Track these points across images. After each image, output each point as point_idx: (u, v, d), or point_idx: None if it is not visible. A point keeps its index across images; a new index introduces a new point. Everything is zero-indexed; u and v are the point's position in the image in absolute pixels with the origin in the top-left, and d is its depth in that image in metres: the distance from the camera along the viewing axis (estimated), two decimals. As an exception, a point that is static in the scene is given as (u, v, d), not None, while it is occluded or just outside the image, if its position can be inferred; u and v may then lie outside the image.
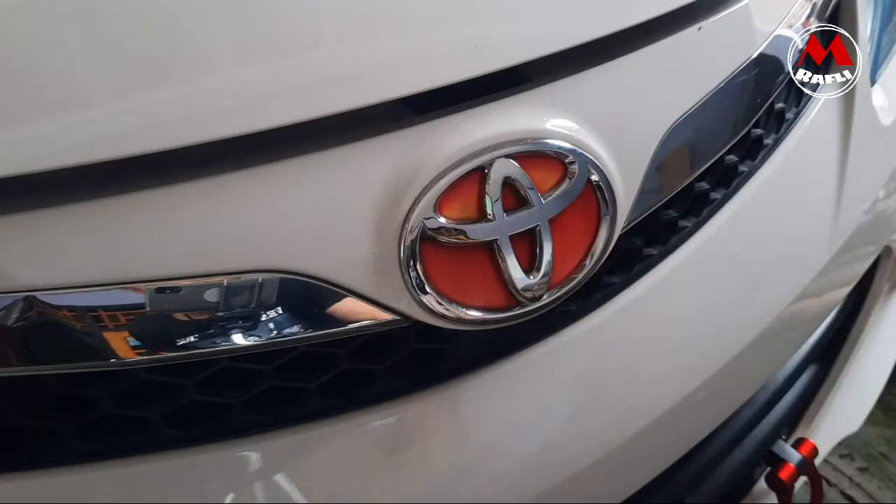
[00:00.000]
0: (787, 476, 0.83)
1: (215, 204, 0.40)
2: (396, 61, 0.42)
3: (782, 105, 0.69)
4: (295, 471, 0.46)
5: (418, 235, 0.44)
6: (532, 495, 0.52)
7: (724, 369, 0.61)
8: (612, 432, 0.55)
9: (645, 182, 0.53)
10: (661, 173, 0.54)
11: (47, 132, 0.36)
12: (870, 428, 1.35)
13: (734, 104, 0.60)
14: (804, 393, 0.95)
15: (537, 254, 0.47)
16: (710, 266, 0.61)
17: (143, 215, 0.39)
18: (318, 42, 0.40)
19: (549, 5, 0.46)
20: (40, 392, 0.42)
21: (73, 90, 0.36)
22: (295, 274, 0.42)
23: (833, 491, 1.28)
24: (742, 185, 0.64)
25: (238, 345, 0.43)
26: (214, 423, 0.45)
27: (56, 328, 0.39)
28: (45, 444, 0.43)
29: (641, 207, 0.54)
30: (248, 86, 0.39)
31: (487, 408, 0.51)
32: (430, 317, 0.46)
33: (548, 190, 0.47)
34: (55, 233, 0.38)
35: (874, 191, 0.80)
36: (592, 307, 0.55)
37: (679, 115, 0.54)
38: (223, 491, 0.45)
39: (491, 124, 0.45)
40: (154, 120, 0.37)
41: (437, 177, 0.44)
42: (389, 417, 0.48)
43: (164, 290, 0.40)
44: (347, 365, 0.47)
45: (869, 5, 0.81)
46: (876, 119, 0.80)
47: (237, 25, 0.38)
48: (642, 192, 0.53)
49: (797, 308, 0.69)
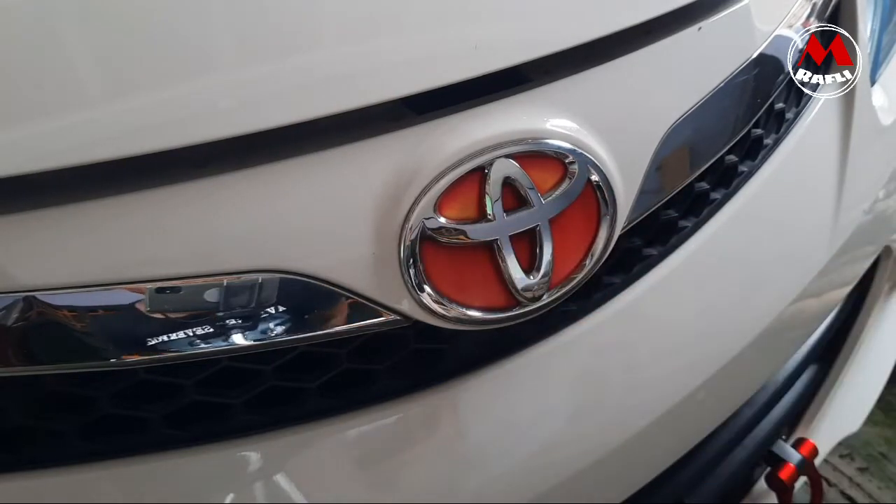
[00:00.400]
0: (787, 476, 0.83)
1: (215, 204, 0.40)
2: (396, 61, 0.42)
3: (782, 105, 0.69)
4: (295, 471, 0.46)
5: (418, 235, 0.44)
6: (532, 495, 0.52)
7: (724, 369, 0.61)
8: (612, 432, 0.55)
9: (645, 182, 0.53)
10: (661, 173, 0.54)
11: (47, 132, 0.36)
12: (870, 428, 1.35)
13: (734, 104, 0.60)
14: (804, 393, 0.95)
15: (537, 254, 0.47)
16: (710, 266, 0.61)
17: (143, 215, 0.39)
18: (318, 42, 0.40)
19: (548, 5, 0.46)
20: (40, 392, 0.42)
21: (73, 90, 0.36)
22: (295, 274, 0.42)
23: (833, 491, 1.28)
24: (742, 185, 0.64)
25: (238, 345, 0.43)
26: (214, 423, 0.45)
27: (56, 328, 0.39)
28: (45, 444, 0.43)
29: (641, 207, 0.54)
30: (248, 86, 0.39)
31: (487, 408, 0.51)
32: (430, 317, 0.46)
33: (548, 190, 0.47)
34: (55, 233, 0.38)
35: (874, 191, 0.80)
36: (592, 307, 0.55)
37: (679, 115, 0.54)
38: (223, 491, 0.45)
39: (491, 124, 0.45)
40: (154, 120, 0.37)
41: (437, 177, 0.44)
42: (389, 417, 0.48)
43: (164, 290, 0.40)
44: (347, 365, 0.47)
45: (869, 5, 0.81)
46: (876, 119, 0.80)
47: (237, 25, 0.38)
48: (642, 192, 0.53)
49: (797, 308, 0.69)
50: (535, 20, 0.46)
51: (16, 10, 0.34)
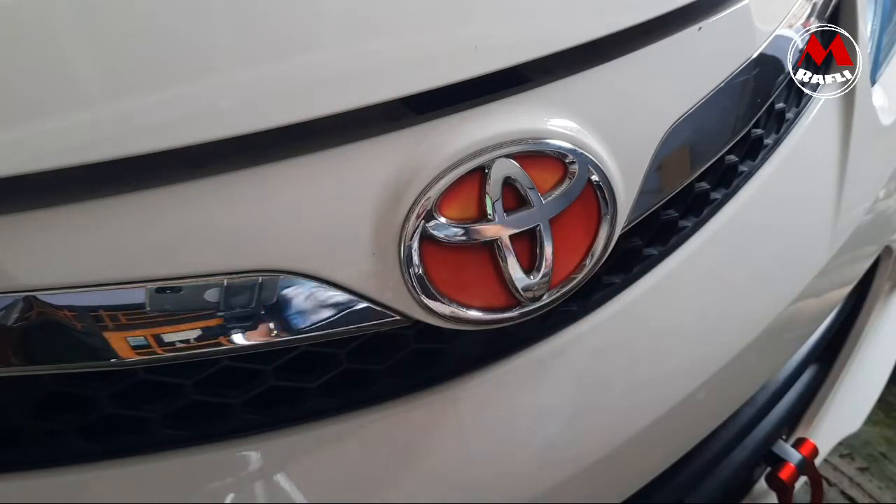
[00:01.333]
0: (787, 476, 0.83)
1: (215, 204, 0.40)
2: (396, 61, 0.42)
3: (782, 105, 0.69)
4: (295, 471, 0.46)
5: (418, 235, 0.44)
6: (532, 495, 0.52)
7: (724, 369, 0.61)
8: (611, 432, 0.55)
9: (645, 182, 0.53)
10: (661, 173, 0.54)
11: (47, 132, 0.36)
12: (870, 428, 1.35)
13: (734, 104, 0.60)
14: (804, 393, 0.95)
15: (537, 254, 0.47)
16: (710, 266, 0.61)
17: (143, 215, 0.39)
18: (318, 42, 0.40)
19: (548, 5, 0.46)
20: (40, 392, 0.42)
21: (73, 90, 0.36)
22: (295, 274, 0.42)
23: (833, 491, 1.28)
24: (742, 186, 0.64)
25: (238, 345, 0.43)
26: (214, 423, 0.45)
27: (56, 328, 0.39)
28: (45, 444, 0.43)
29: (641, 207, 0.54)
30: (248, 86, 0.39)
31: (487, 408, 0.51)
32: (430, 317, 0.46)
33: (548, 190, 0.47)
34: (55, 233, 0.38)
35: (874, 191, 0.80)
36: (592, 307, 0.55)
37: (679, 115, 0.54)
38: (223, 491, 0.45)
39: (491, 124, 0.45)
40: (154, 120, 0.37)
41: (437, 177, 0.44)
42: (389, 417, 0.48)
43: (164, 290, 0.40)
44: (347, 365, 0.47)
45: (869, 5, 0.81)
46: (876, 119, 0.80)
47: (236, 25, 0.38)
48: (642, 192, 0.53)
49: (797, 308, 0.69)
50: (535, 20, 0.46)
51: (16, 9, 0.34)
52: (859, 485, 1.28)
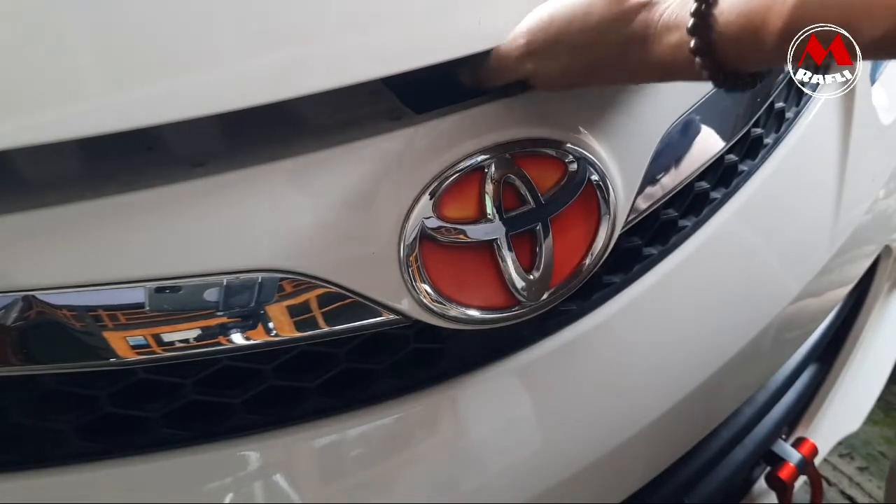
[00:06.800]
0: (786, 475, 0.83)
1: (215, 204, 0.40)
2: (395, 57, 0.42)
3: (782, 104, 0.69)
4: (294, 470, 0.46)
5: (418, 235, 0.44)
6: (532, 495, 0.52)
7: (723, 369, 0.61)
8: (611, 432, 0.55)
9: (645, 182, 0.53)
10: (661, 173, 0.54)
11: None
12: (870, 427, 1.35)
13: (734, 104, 0.60)
14: (804, 393, 0.95)
15: (537, 253, 0.47)
16: (709, 265, 0.61)
17: (143, 215, 0.39)
18: (319, 31, 0.40)
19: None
20: (40, 391, 0.42)
21: (65, 73, 0.36)
22: (295, 274, 0.42)
23: (833, 490, 1.28)
24: (742, 185, 0.64)
25: (237, 344, 0.43)
26: (214, 422, 0.45)
27: (56, 328, 0.39)
28: (45, 444, 0.43)
29: (641, 207, 0.54)
30: (233, 65, 0.39)
31: (487, 408, 0.51)
32: (430, 316, 0.46)
33: (547, 190, 0.47)
34: (55, 233, 0.38)
35: (874, 190, 0.80)
36: (592, 307, 0.55)
37: (679, 115, 0.54)
38: (223, 490, 0.45)
39: (491, 124, 0.45)
40: (149, 95, 0.37)
41: (437, 177, 0.44)
42: (389, 417, 0.48)
43: (164, 290, 0.40)
44: (347, 365, 0.47)
45: (869, 5, 0.81)
46: (876, 119, 0.80)
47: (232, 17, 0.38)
48: (642, 191, 0.53)
49: (797, 308, 0.69)
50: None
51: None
52: (859, 484, 1.28)
